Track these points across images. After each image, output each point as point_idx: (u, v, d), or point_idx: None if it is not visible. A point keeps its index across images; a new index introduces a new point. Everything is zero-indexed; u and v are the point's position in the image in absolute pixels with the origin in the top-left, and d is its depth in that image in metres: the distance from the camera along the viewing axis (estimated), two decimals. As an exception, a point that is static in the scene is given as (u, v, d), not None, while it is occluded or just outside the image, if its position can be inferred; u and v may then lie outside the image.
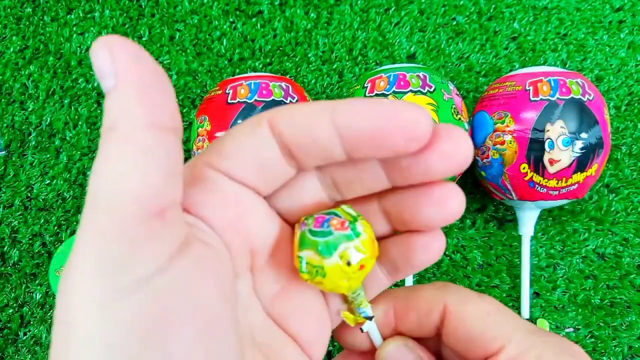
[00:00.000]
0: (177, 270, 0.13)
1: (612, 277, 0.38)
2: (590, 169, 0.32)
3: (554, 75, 0.32)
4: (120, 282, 0.12)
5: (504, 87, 0.34)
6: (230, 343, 0.14)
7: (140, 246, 0.12)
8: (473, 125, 0.35)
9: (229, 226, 0.16)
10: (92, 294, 0.12)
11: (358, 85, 0.34)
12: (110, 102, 0.13)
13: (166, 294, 0.12)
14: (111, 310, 0.12)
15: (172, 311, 0.12)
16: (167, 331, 0.12)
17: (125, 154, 0.12)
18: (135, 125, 0.12)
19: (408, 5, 0.42)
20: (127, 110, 0.12)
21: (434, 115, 0.31)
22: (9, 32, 0.42)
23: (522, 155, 0.32)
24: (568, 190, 0.32)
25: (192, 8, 0.42)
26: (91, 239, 0.12)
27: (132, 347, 0.12)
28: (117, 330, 0.12)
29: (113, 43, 0.12)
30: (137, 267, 0.12)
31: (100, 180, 0.12)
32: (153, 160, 0.12)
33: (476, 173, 0.36)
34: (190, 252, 0.13)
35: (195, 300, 0.13)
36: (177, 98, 0.40)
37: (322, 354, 0.19)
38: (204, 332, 0.13)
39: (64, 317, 0.12)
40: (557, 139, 0.31)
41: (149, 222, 0.12)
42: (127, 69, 0.12)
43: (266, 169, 0.16)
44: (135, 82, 0.12)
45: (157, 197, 0.12)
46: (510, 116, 0.32)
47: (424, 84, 0.32)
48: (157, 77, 0.13)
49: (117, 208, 0.12)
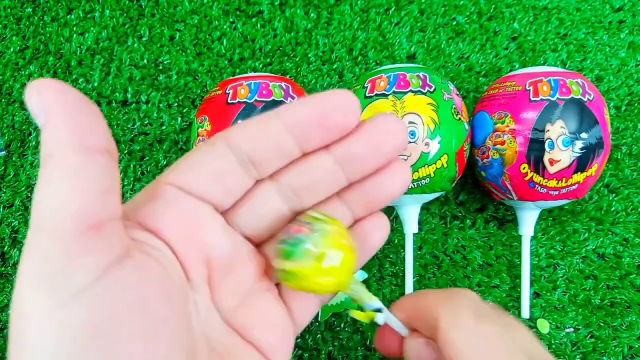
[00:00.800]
0: (116, 278, 0.14)
1: (612, 277, 0.38)
2: (591, 169, 0.32)
3: (554, 75, 0.32)
4: (61, 293, 0.13)
5: (504, 87, 0.34)
6: (175, 345, 0.15)
7: (77, 258, 0.13)
8: (473, 125, 0.35)
9: (182, 238, 0.17)
10: (38, 306, 0.13)
11: (358, 85, 0.34)
12: (45, 135, 0.14)
13: (105, 300, 0.13)
14: (55, 319, 0.13)
15: (111, 315, 0.13)
16: (109, 334, 0.13)
17: (58, 176, 0.13)
18: (66, 151, 0.14)
19: (408, 5, 0.42)
20: (58, 139, 0.14)
21: (434, 115, 0.31)
22: (9, 32, 0.42)
23: (522, 155, 0.32)
24: (568, 191, 0.32)
25: (192, 8, 0.42)
26: (33, 255, 0.13)
27: (76, 351, 0.13)
28: (62, 337, 0.13)
29: (40, 85, 0.14)
30: (75, 278, 0.13)
31: (38, 202, 0.14)
32: (85, 179, 0.14)
33: (476, 173, 0.36)
34: (131, 261, 0.15)
35: (135, 305, 0.14)
36: (177, 98, 0.41)
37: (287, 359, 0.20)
38: (146, 334, 0.14)
39: (17, 328, 0.13)
40: (557, 139, 0.31)
41: (85, 237, 0.13)
42: (54, 103, 0.14)
43: (223, 180, 0.18)
44: (62, 113, 0.14)
45: (91, 213, 0.14)
46: (510, 116, 0.32)
47: (424, 84, 0.32)
48: (83, 106, 0.14)
49: (53, 226, 0.13)
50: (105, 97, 0.41)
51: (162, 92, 0.41)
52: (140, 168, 0.39)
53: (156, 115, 0.40)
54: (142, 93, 0.41)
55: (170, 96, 0.41)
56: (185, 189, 0.17)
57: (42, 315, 0.13)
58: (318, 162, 0.19)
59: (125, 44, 0.42)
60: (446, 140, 0.32)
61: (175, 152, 0.40)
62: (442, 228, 0.39)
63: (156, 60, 0.41)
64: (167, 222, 0.17)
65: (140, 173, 0.39)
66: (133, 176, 0.39)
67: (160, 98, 0.41)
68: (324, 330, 0.37)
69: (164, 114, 0.40)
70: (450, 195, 0.39)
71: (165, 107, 0.40)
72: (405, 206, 0.35)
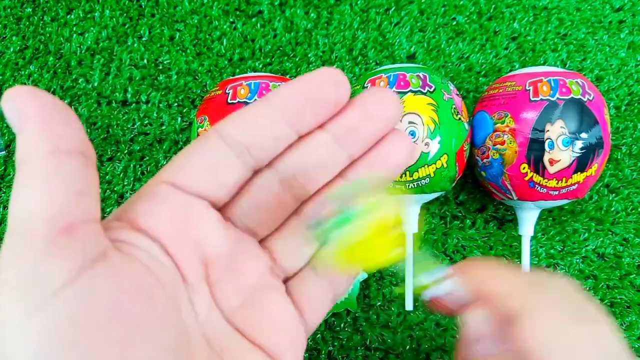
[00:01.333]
0: (88, 282, 0.13)
1: (612, 277, 0.38)
2: (590, 169, 0.32)
3: (554, 75, 0.32)
4: (32, 298, 0.13)
5: (504, 87, 0.34)
6: (157, 347, 0.14)
7: (46, 262, 0.13)
8: (473, 125, 0.35)
9: (174, 236, 0.17)
10: (12, 312, 0.13)
11: (358, 85, 0.34)
12: (19, 141, 0.14)
13: (77, 304, 0.13)
14: (29, 325, 0.13)
15: (84, 320, 0.13)
16: (82, 338, 0.13)
17: (29, 181, 0.14)
18: (38, 155, 0.14)
19: (408, 5, 0.42)
20: (30, 144, 0.14)
21: (434, 115, 0.31)
22: (9, 32, 0.42)
23: (522, 155, 0.32)
24: (568, 190, 0.32)
25: (192, 8, 0.42)
26: (6, 261, 0.13)
27: (54, 357, 0.13)
28: (37, 343, 0.13)
29: (14, 92, 0.14)
30: (45, 282, 0.13)
31: (12, 208, 0.14)
32: (56, 183, 0.14)
33: (476, 173, 0.36)
34: (105, 264, 0.14)
35: (108, 309, 0.14)
36: (177, 98, 0.41)
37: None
38: (122, 336, 0.14)
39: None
40: (557, 139, 0.31)
41: (56, 240, 0.13)
42: (27, 109, 0.14)
43: (217, 174, 0.17)
44: (34, 118, 0.14)
45: (63, 216, 0.13)
46: (510, 116, 0.32)
47: (424, 84, 0.32)
48: (57, 110, 0.14)
49: (23, 230, 0.13)
50: (105, 97, 0.41)
51: (162, 92, 0.41)
52: (140, 168, 0.39)
53: (156, 115, 0.40)
54: (142, 93, 0.41)
55: (170, 96, 0.41)
56: (177, 185, 0.17)
57: (16, 322, 0.13)
58: (315, 143, 0.18)
59: (125, 44, 0.42)
60: (446, 140, 0.32)
61: (175, 152, 0.40)
62: (442, 228, 0.39)
63: (156, 60, 0.41)
64: (158, 220, 0.16)
65: (140, 173, 0.39)
66: (133, 176, 0.39)
67: (160, 98, 0.41)
68: (324, 330, 0.37)
69: (164, 114, 0.40)
70: (450, 195, 0.39)
71: (165, 107, 0.40)
72: (405, 206, 0.35)
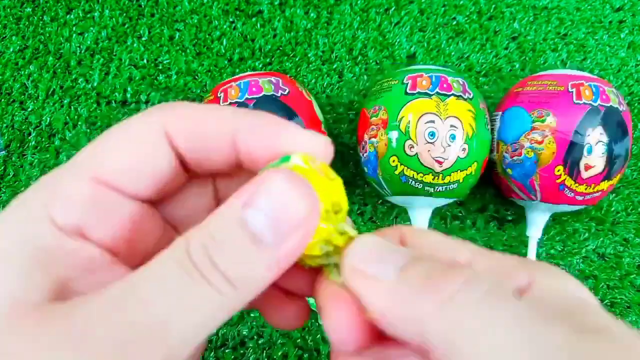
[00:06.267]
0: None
1: (612, 277, 0.38)
2: (615, 178, 0.32)
3: (593, 81, 0.32)
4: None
5: (544, 85, 0.33)
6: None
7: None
8: (504, 120, 0.34)
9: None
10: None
11: (394, 80, 0.33)
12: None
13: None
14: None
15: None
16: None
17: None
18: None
19: (408, 5, 0.42)
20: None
21: (472, 122, 0.32)
22: (9, 32, 0.42)
23: (560, 157, 0.31)
24: (591, 197, 0.32)
25: (192, 8, 0.42)
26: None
27: None
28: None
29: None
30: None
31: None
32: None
33: (498, 170, 0.35)
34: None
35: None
36: (177, 98, 0.40)
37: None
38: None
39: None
40: (596, 145, 0.31)
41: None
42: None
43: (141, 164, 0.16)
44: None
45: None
46: (552, 115, 0.32)
47: (464, 90, 0.32)
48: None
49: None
50: (104, 97, 0.41)
51: (162, 92, 0.41)
52: (139, 168, 0.39)
53: (156, 115, 0.40)
54: (141, 93, 0.41)
55: (170, 96, 0.41)
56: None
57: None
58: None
59: (124, 43, 0.42)
60: (479, 148, 0.32)
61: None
62: (442, 228, 0.39)
63: (156, 60, 0.41)
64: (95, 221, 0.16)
65: (140, 173, 0.39)
66: (133, 176, 0.39)
67: (160, 98, 0.40)
68: (324, 330, 0.37)
69: (163, 113, 0.40)
70: (450, 195, 0.39)
71: (165, 107, 0.40)
72: (418, 208, 0.35)
